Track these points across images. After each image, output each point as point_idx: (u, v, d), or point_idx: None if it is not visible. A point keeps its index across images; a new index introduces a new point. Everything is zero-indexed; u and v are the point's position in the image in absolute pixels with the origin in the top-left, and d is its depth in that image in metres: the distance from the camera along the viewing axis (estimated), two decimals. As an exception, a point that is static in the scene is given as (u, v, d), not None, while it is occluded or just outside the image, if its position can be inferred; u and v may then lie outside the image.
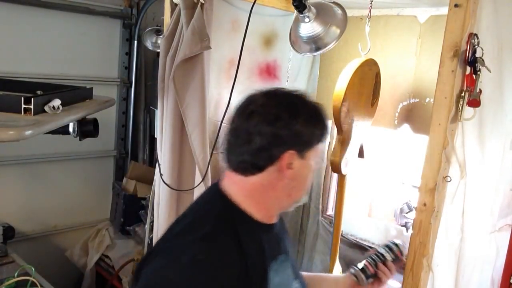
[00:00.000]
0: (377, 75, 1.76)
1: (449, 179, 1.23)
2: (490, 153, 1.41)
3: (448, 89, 1.17)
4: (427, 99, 1.83)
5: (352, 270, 1.21)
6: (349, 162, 1.72)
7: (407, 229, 1.93)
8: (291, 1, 1.46)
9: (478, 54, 1.16)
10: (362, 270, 1.20)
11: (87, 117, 1.49)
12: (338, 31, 1.52)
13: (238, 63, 1.61)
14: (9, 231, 2.25)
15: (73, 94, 1.46)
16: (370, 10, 1.64)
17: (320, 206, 2.28)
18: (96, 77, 2.69)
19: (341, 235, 1.92)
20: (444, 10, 1.32)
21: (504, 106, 1.42)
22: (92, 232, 2.71)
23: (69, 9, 2.49)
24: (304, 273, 1.18)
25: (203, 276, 0.82)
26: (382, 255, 1.23)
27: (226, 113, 1.66)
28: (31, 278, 1.66)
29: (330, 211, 2.27)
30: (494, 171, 1.47)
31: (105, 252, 2.59)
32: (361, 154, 1.82)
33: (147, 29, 2.57)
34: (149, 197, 2.01)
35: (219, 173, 0.89)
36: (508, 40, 1.34)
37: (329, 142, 2.03)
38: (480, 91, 1.18)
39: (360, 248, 2.05)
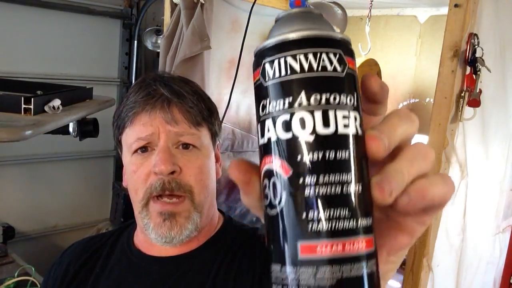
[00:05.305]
0: (378, 75, 1.77)
1: (449, 179, 1.22)
2: (494, 154, 1.40)
3: (448, 89, 1.17)
4: (427, 99, 1.83)
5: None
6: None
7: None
8: (291, 1, 1.46)
9: (478, 54, 1.16)
10: None
11: (87, 117, 1.49)
12: (338, 31, 1.51)
13: (238, 63, 1.61)
14: (9, 231, 2.25)
15: (73, 94, 1.46)
16: (370, 10, 1.65)
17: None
18: (96, 77, 2.68)
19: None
20: (444, 10, 1.32)
21: (507, 106, 1.42)
22: (92, 232, 2.70)
23: (69, 9, 2.49)
24: None
25: None
26: None
27: (226, 113, 1.66)
28: (31, 278, 1.66)
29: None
30: (499, 172, 1.47)
31: (105, 252, 2.59)
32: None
33: (147, 29, 2.56)
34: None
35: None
36: (510, 40, 1.34)
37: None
38: (480, 91, 1.18)
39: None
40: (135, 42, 2.76)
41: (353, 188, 0.28)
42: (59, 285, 0.81)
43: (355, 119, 0.30)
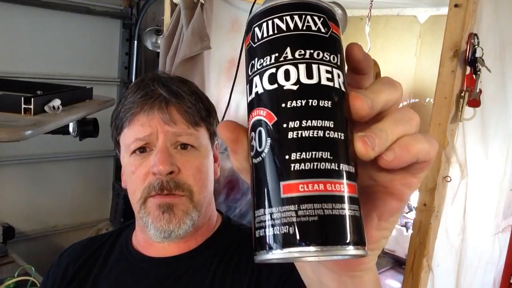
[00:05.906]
0: (378, 75, 1.77)
1: (449, 179, 1.22)
2: (494, 154, 1.40)
3: (448, 89, 1.17)
4: (427, 99, 1.83)
5: None
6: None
7: (407, 229, 1.93)
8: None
9: (478, 54, 1.16)
10: None
11: (87, 117, 1.49)
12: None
13: (238, 63, 1.61)
14: (9, 231, 2.25)
15: (73, 94, 1.46)
16: (370, 10, 1.64)
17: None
18: (96, 77, 2.68)
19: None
20: (444, 10, 1.32)
21: (507, 106, 1.42)
22: (92, 232, 2.71)
23: (69, 9, 2.49)
24: None
25: None
26: None
27: (226, 113, 1.66)
28: (31, 278, 1.66)
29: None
30: (499, 172, 1.47)
31: (105, 252, 2.59)
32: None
33: (147, 29, 2.56)
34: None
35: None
36: (510, 40, 1.34)
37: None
38: (480, 91, 1.18)
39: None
40: (135, 42, 2.76)
41: (335, 135, 0.29)
42: (58, 286, 0.81)
43: (338, 76, 0.31)
